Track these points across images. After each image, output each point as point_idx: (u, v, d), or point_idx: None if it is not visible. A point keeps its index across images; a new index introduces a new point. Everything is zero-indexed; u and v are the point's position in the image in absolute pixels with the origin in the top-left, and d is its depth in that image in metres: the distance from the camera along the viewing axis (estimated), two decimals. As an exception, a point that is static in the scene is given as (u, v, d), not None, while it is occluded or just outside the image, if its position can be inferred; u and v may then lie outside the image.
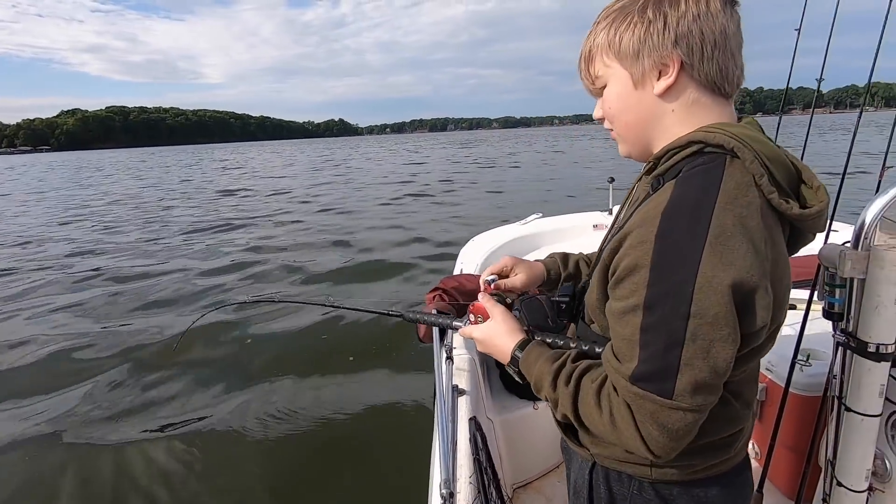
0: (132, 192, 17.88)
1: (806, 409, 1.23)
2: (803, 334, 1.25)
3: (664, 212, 0.63)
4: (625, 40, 0.71)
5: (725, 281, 0.59)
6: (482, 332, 0.92)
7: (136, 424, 3.07)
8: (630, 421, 0.64)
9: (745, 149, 0.65)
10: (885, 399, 0.94)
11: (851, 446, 0.96)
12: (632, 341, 0.64)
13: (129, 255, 7.75)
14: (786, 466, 1.33)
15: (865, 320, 0.91)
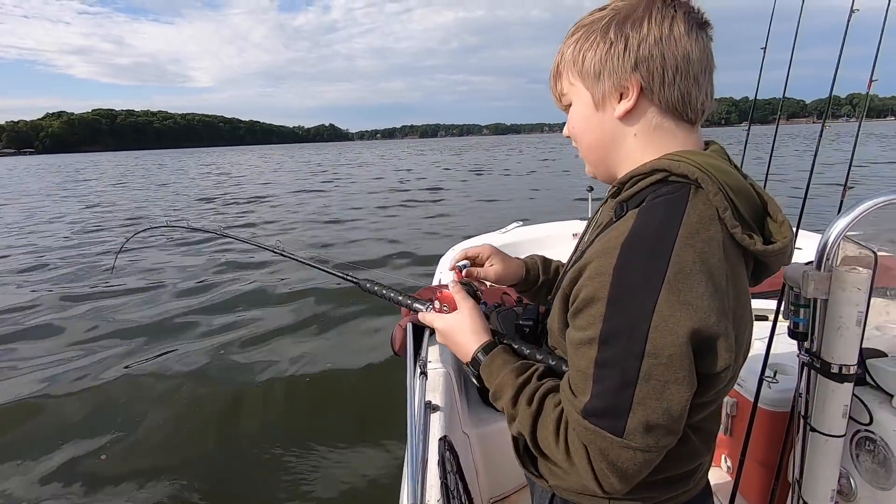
0: (109, 197, 17.53)
1: (774, 425, 1.24)
2: (770, 349, 1.26)
3: (624, 243, 0.61)
4: (587, 60, 0.70)
5: (683, 322, 0.57)
6: (446, 323, 0.87)
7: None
8: (584, 455, 0.62)
9: (709, 180, 0.62)
10: (849, 419, 0.95)
11: (817, 466, 0.96)
12: (586, 374, 0.62)
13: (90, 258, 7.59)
14: (756, 481, 1.33)
15: (829, 341, 0.92)
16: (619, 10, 0.68)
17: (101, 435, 2.98)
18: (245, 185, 19.97)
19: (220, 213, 11.95)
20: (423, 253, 6.89)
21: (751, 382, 1.31)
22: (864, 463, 0.97)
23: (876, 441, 0.94)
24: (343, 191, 16.18)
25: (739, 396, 1.38)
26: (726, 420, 1.42)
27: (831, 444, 0.94)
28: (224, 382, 3.60)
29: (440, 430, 1.32)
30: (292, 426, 3.09)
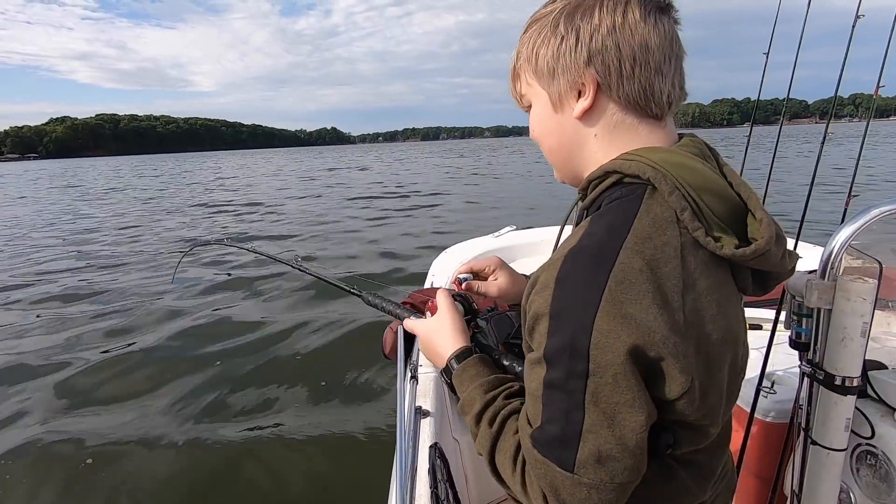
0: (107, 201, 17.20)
1: (771, 436, 1.22)
2: (768, 358, 1.24)
3: (567, 254, 0.57)
4: (541, 58, 0.64)
5: (623, 337, 0.51)
6: (424, 328, 0.84)
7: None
8: (539, 491, 0.56)
9: (663, 179, 0.56)
10: (850, 432, 0.92)
11: (817, 480, 0.94)
12: (536, 397, 0.56)
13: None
14: (750, 493, 1.30)
15: (832, 352, 0.90)
16: (569, 0, 0.62)
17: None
18: (249, 192, 19.74)
19: (229, 221, 11.69)
20: (418, 256, 6.86)
21: (747, 392, 1.29)
22: (865, 477, 0.95)
23: (877, 455, 0.92)
24: (340, 194, 16.04)
25: (736, 406, 1.36)
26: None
27: (833, 457, 0.92)
28: (206, 386, 3.54)
29: (430, 436, 1.29)
30: (278, 430, 3.02)
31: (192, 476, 2.61)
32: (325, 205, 12.51)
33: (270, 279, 5.76)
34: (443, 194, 14.80)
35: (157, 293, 5.60)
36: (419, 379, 1.57)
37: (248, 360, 3.82)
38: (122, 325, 4.64)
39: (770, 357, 1.26)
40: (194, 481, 2.57)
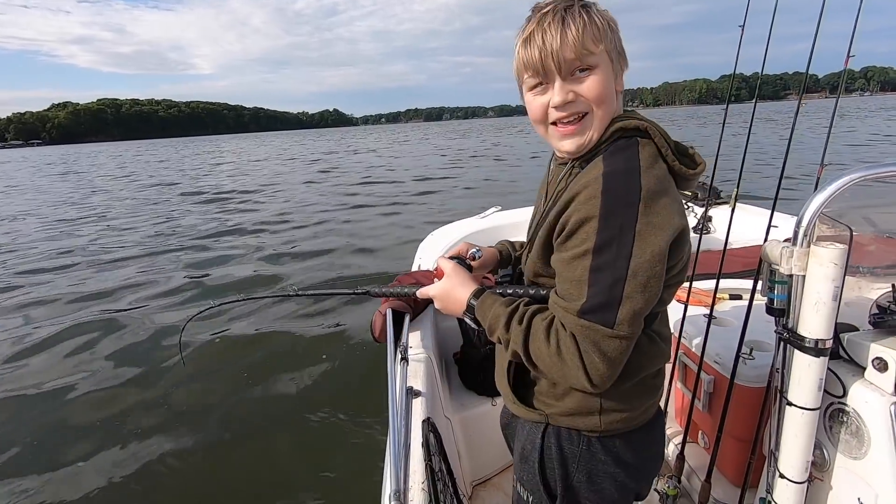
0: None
1: (751, 401, 1.26)
2: (747, 326, 1.28)
3: (605, 174, 0.76)
4: (607, 37, 0.81)
5: (661, 227, 0.72)
6: (438, 288, 0.97)
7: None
8: (575, 351, 0.73)
9: (655, 129, 0.81)
10: (823, 392, 0.97)
11: (792, 439, 0.98)
12: (581, 281, 0.73)
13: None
14: (732, 455, 1.36)
15: (805, 316, 0.93)
16: (602, 9, 0.83)
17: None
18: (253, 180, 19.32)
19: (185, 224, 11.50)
20: (414, 237, 6.87)
21: (728, 360, 1.34)
22: (838, 434, 0.99)
23: (849, 412, 0.96)
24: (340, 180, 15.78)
25: (717, 374, 1.41)
26: (704, 397, 1.45)
27: (807, 416, 0.96)
28: (201, 373, 3.54)
29: (423, 413, 1.31)
30: (273, 414, 3.06)
31: (193, 457, 2.63)
32: (317, 196, 12.31)
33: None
34: (437, 178, 14.66)
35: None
36: (409, 360, 1.58)
37: (254, 359, 3.82)
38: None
39: (749, 325, 1.30)
40: (194, 462, 2.59)
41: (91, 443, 2.83)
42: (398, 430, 1.17)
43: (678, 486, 1.44)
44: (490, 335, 0.86)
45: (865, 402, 0.93)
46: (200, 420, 3.02)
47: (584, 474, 0.90)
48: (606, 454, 0.89)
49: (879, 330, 1.00)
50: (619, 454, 0.89)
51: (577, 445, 0.90)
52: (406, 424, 1.26)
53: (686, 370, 1.56)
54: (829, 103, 1.45)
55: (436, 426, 1.24)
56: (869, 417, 0.92)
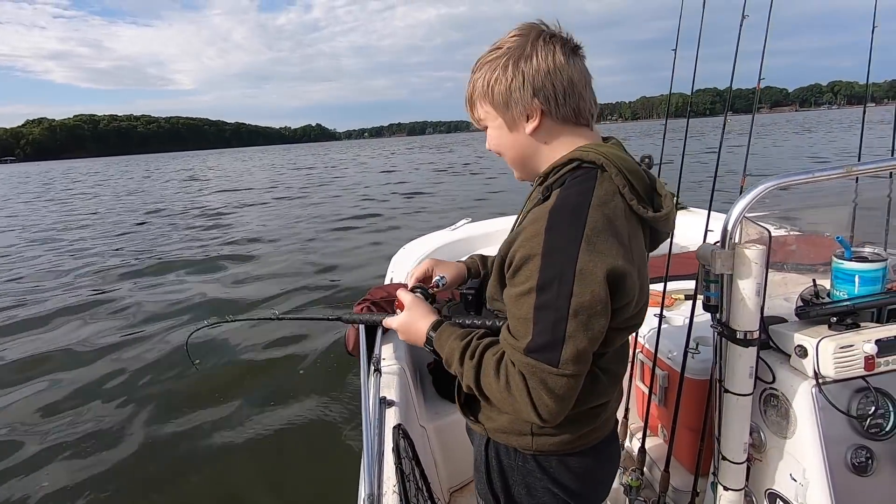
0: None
1: (700, 392, 1.36)
2: (692, 324, 1.38)
3: (551, 211, 0.78)
4: (495, 92, 0.85)
5: (599, 266, 0.73)
6: (399, 321, 1.00)
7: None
8: (523, 388, 0.75)
9: (611, 164, 0.81)
10: (755, 379, 1.07)
11: (731, 423, 1.08)
12: (526, 319, 0.75)
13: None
14: (687, 445, 1.45)
15: (735, 311, 1.03)
16: (512, 49, 0.83)
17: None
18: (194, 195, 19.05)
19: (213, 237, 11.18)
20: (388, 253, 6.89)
21: (678, 355, 1.44)
22: (771, 417, 1.09)
23: (779, 396, 1.06)
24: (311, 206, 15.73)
25: (669, 369, 1.51)
26: (660, 392, 1.54)
27: (742, 402, 1.06)
28: (182, 384, 3.53)
29: (395, 421, 1.37)
30: (250, 427, 3.07)
31: (174, 471, 2.61)
32: (292, 216, 12.24)
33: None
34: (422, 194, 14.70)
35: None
36: (382, 372, 1.64)
37: (222, 373, 3.79)
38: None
39: (697, 322, 1.41)
40: (175, 476, 2.57)
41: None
42: (371, 439, 1.22)
43: (641, 478, 1.53)
44: (447, 367, 0.89)
45: (791, 386, 1.03)
46: (181, 435, 3.03)
47: (523, 487, 0.94)
48: (542, 472, 0.92)
49: (803, 321, 1.11)
50: (554, 474, 0.92)
51: (514, 460, 0.94)
52: (379, 433, 1.31)
53: (643, 368, 1.66)
54: (799, 115, 1.58)
55: (407, 432, 1.30)
56: (794, 400, 1.03)
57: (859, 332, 1.00)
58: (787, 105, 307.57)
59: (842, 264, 1.07)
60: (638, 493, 1.52)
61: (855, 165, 1.03)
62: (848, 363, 0.98)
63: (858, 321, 1.04)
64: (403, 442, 1.23)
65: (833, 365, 0.97)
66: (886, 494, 1.00)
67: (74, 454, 2.94)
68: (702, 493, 1.31)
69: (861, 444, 1.00)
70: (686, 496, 1.36)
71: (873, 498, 1.00)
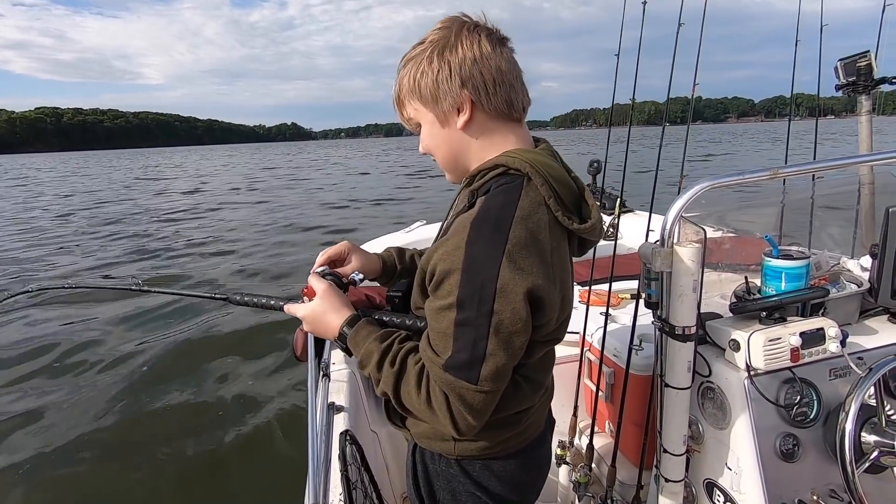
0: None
1: (644, 388, 1.40)
2: (636, 323, 1.42)
3: (472, 223, 0.74)
4: (423, 87, 0.82)
5: (520, 284, 0.71)
6: (307, 309, 0.92)
7: None
8: (444, 402, 0.74)
9: (537, 174, 0.78)
10: (693, 373, 1.11)
11: (671, 416, 1.11)
12: (446, 335, 0.73)
13: None
14: (632, 440, 1.49)
15: (673, 307, 1.07)
16: (435, 41, 0.81)
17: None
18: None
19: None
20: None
21: (624, 353, 1.47)
22: (708, 409, 1.13)
23: (715, 389, 1.11)
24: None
25: (615, 366, 1.55)
26: (607, 388, 1.58)
27: (681, 395, 1.09)
28: (125, 401, 3.31)
29: (343, 427, 1.33)
30: (190, 430, 2.94)
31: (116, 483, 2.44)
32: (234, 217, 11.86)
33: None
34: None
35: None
36: (331, 377, 1.59)
37: (178, 376, 3.60)
38: None
39: (641, 321, 1.45)
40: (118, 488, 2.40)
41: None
42: (317, 446, 1.18)
43: (589, 474, 1.55)
44: (361, 369, 0.85)
45: (726, 379, 1.08)
46: (115, 441, 2.87)
47: (448, 493, 0.93)
48: (465, 477, 0.91)
49: (737, 317, 1.16)
50: (478, 478, 0.91)
51: (439, 465, 0.93)
52: (327, 439, 1.27)
53: (591, 365, 1.70)
54: (766, 125, 1.67)
55: (356, 438, 1.27)
56: (729, 392, 1.07)
57: (786, 326, 1.06)
58: (753, 115, 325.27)
59: (770, 262, 1.13)
60: (587, 489, 1.55)
61: (780, 168, 1.09)
62: (776, 355, 1.03)
63: (785, 315, 1.10)
64: (351, 448, 1.19)
65: (763, 357, 1.02)
66: (811, 478, 1.06)
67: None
68: (646, 486, 1.34)
69: (788, 431, 1.05)
70: (632, 490, 1.40)
71: (800, 482, 1.05)
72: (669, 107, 1.38)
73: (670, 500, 1.14)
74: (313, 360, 1.60)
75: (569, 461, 1.67)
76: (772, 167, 1.08)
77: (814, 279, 1.22)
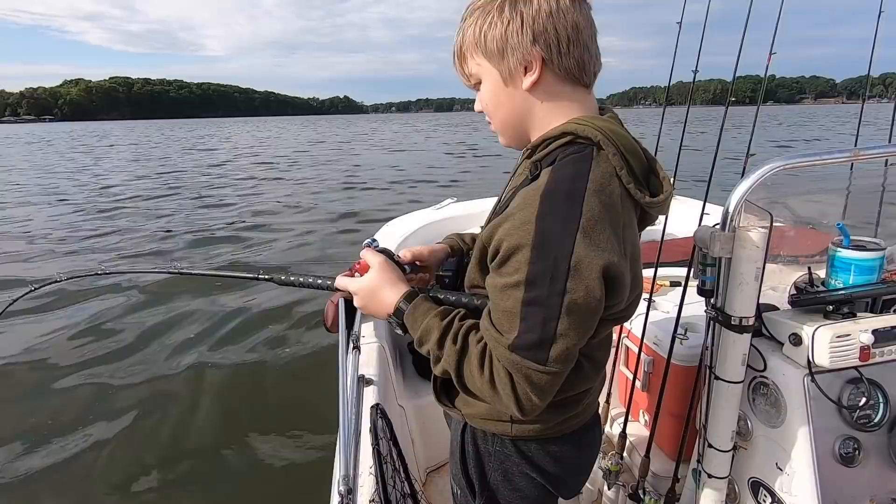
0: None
1: (686, 379, 1.34)
2: (682, 310, 1.35)
3: (542, 195, 0.69)
4: (489, 39, 0.75)
5: (596, 261, 0.66)
6: (361, 284, 0.89)
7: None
8: (508, 382, 0.70)
9: (608, 143, 0.72)
10: (747, 367, 1.04)
11: (719, 411, 1.05)
12: (513, 313, 0.69)
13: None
14: (669, 431, 1.44)
15: (731, 296, 1.00)
16: None
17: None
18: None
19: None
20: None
21: (665, 341, 1.41)
22: (759, 405, 1.07)
23: (769, 385, 1.04)
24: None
25: (655, 354, 1.48)
26: (644, 377, 1.52)
27: (732, 389, 1.03)
28: (152, 374, 3.41)
29: (373, 400, 1.32)
30: (227, 408, 3.02)
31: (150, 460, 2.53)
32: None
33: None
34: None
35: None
36: (361, 349, 1.58)
37: (181, 358, 3.68)
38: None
39: (686, 309, 1.38)
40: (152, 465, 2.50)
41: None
42: (348, 418, 1.17)
43: (620, 462, 1.51)
44: (418, 346, 0.81)
45: (783, 375, 1.01)
46: (137, 409, 2.96)
47: (500, 473, 0.91)
48: (521, 457, 0.89)
49: (797, 309, 1.08)
50: (533, 458, 0.89)
51: (492, 445, 0.91)
52: (357, 412, 1.26)
53: (628, 353, 1.63)
54: (849, 108, 1.54)
55: (385, 412, 1.25)
56: (785, 389, 1.00)
57: (856, 322, 0.97)
58: (832, 96, 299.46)
59: (840, 252, 1.04)
60: (617, 478, 1.51)
61: (863, 149, 0.99)
62: (843, 353, 0.95)
63: (854, 310, 1.02)
64: (381, 422, 1.18)
65: (829, 354, 0.95)
66: (871, 485, 0.99)
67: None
68: (682, 479, 1.29)
69: (850, 434, 0.98)
70: (666, 482, 1.35)
71: (858, 489, 0.99)
72: (738, 85, 1.27)
73: (712, 497, 1.09)
74: (344, 331, 1.59)
75: (601, 449, 1.63)
76: (853, 148, 0.98)
77: (886, 273, 1.13)
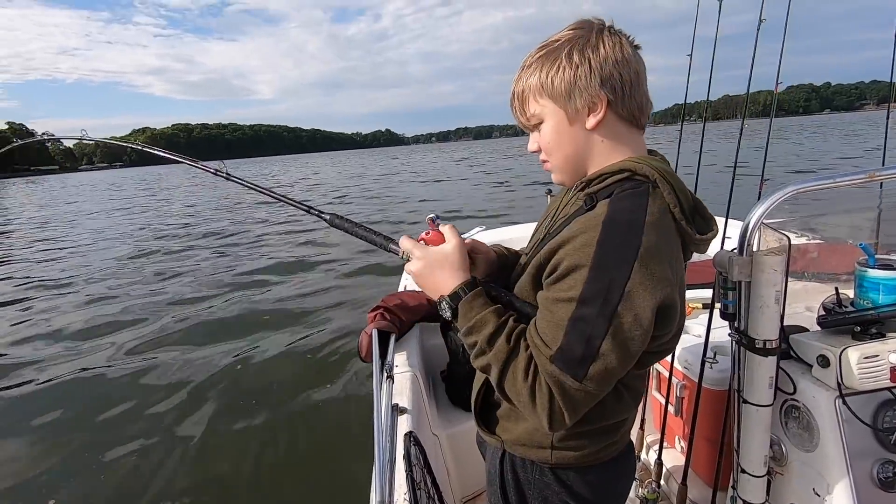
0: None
1: (717, 403, 1.33)
2: (710, 333, 1.35)
3: (605, 222, 0.73)
4: (556, 82, 0.80)
5: (649, 291, 0.70)
6: (429, 253, 0.86)
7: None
8: (546, 393, 0.72)
9: (664, 181, 0.77)
10: (776, 389, 1.04)
11: (750, 435, 1.05)
12: (559, 326, 0.72)
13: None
14: (705, 457, 1.42)
15: (753, 319, 1.01)
16: (573, 38, 0.80)
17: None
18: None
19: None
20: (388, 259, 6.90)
21: (695, 365, 1.40)
22: (792, 429, 1.06)
23: (800, 408, 1.03)
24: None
25: (687, 379, 1.48)
26: (676, 402, 1.51)
27: (761, 413, 1.03)
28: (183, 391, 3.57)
29: (406, 428, 1.36)
30: (264, 435, 3.11)
31: (180, 481, 2.63)
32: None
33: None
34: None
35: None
36: (395, 378, 1.63)
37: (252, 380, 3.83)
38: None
39: (717, 332, 1.37)
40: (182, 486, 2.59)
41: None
42: (383, 446, 1.22)
43: (657, 490, 1.49)
44: (465, 335, 0.81)
45: (813, 398, 1.00)
46: (181, 436, 3.06)
47: (540, 501, 0.91)
48: (560, 485, 0.90)
49: (825, 330, 1.08)
50: (572, 487, 0.90)
51: (531, 473, 0.91)
52: (391, 440, 1.30)
53: (660, 377, 1.63)
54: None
55: (419, 439, 1.29)
56: (817, 411, 0.99)
57: (885, 342, 0.97)
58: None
59: (866, 272, 1.04)
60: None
61: (879, 170, 1.00)
62: (873, 374, 0.94)
63: (884, 331, 1.01)
64: (415, 449, 1.22)
65: (858, 375, 0.94)
66: (915, 511, 0.96)
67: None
68: (721, 507, 1.27)
69: (887, 458, 0.96)
70: (704, 510, 1.32)
71: (901, 515, 0.96)
72: (789, 95, 1.25)
73: (749, 524, 1.07)
74: (377, 361, 1.65)
75: (636, 476, 1.61)
76: (868, 169, 1.00)
77: (918, 292, 1.11)
